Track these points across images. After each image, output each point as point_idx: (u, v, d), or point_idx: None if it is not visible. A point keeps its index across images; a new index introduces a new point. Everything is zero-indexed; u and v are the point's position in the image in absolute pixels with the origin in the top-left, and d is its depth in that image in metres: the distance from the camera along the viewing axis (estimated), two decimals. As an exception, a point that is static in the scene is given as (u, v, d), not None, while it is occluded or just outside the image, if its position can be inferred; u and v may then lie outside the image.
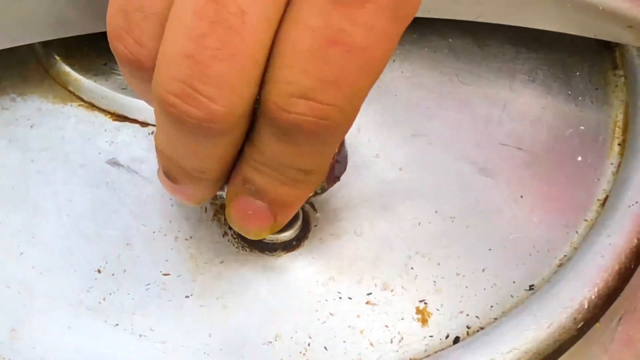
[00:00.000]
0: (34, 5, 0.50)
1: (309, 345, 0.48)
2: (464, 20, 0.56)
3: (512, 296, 0.50)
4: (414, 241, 0.51)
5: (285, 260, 0.50)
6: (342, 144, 0.48)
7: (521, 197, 0.53)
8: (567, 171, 0.55)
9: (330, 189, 0.48)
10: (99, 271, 0.49)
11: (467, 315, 0.49)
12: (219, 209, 0.51)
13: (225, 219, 0.50)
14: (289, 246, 0.50)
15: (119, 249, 0.50)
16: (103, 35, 0.55)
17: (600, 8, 0.54)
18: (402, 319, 0.49)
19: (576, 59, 0.60)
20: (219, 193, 0.45)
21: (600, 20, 0.55)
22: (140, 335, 0.48)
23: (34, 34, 0.52)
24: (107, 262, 0.50)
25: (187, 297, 0.49)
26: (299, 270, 0.50)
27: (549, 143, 0.56)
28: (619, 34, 0.55)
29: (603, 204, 0.53)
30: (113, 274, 0.49)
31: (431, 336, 0.48)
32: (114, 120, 0.54)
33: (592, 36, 0.56)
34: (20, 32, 0.51)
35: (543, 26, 0.56)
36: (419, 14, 0.54)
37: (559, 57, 0.60)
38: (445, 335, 0.48)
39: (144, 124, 0.54)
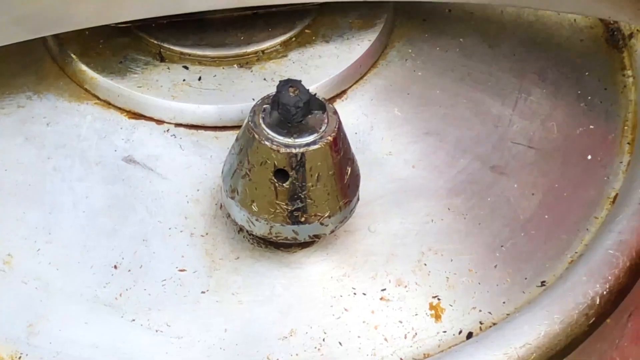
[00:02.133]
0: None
1: (323, 340, 0.48)
2: (478, 16, 0.57)
3: (524, 292, 0.50)
4: (427, 238, 0.52)
5: (299, 256, 0.51)
6: (353, 162, 0.48)
7: (532, 194, 0.54)
8: (577, 169, 0.55)
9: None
10: (115, 267, 0.50)
11: (480, 311, 0.49)
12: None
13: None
14: (303, 242, 0.50)
15: (136, 245, 0.50)
16: (119, 32, 0.56)
17: None
18: (416, 314, 0.49)
19: (585, 59, 0.61)
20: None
21: (614, 2, 0.55)
22: (156, 331, 0.48)
23: (48, 27, 0.52)
24: (123, 258, 0.50)
25: (203, 292, 0.49)
26: (314, 266, 0.50)
27: (559, 142, 0.56)
28: (633, 14, 0.56)
29: (613, 202, 0.54)
30: (129, 270, 0.50)
31: (444, 332, 0.49)
32: (129, 118, 0.55)
33: (607, 18, 0.57)
34: (33, 25, 0.52)
35: (558, 8, 0.57)
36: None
37: (568, 57, 0.60)
38: (459, 330, 0.49)
39: (159, 122, 0.55)
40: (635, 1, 0.55)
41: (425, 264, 0.51)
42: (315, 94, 0.47)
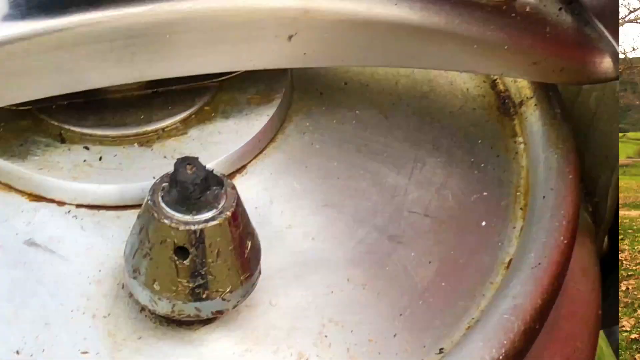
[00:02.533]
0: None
1: (227, 417, 0.49)
2: (373, 88, 0.59)
3: (423, 360, 0.51)
4: (327, 309, 0.52)
5: (202, 333, 0.51)
6: (253, 236, 0.49)
7: (429, 262, 0.55)
8: (472, 236, 0.57)
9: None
10: (17, 352, 0.50)
11: (381, 380, 0.50)
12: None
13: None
14: (205, 319, 0.51)
15: (38, 329, 0.50)
16: (19, 115, 0.56)
17: (506, 47, 0.57)
18: (318, 386, 0.50)
19: (478, 127, 0.63)
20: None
21: (506, 59, 0.57)
22: (60, 414, 0.48)
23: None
24: (25, 343, 0.50)
25: (106, 374, 0.49)
26: (216, 343, 0.51)
27: (454, 209, 0.58)
28: (524, 70, 0.58)
29: (507, 267, 0.55)
30: (31, 355, 0.49)
31: (346, 403, 0.50)
32: (30, 200, 0.55)
33: (500, 74, 0.59)
34: None
35: (453, 68, 0.59)
36: (329, 63, 0.55)
37: (461, 125, 0.62)
38: (360, 400, 0.50)
39: (60, 203, 0.55)
40: (525, 58, 0.57)
41: (326, 336, 0.51)
42: (212, 170, 0.48)
